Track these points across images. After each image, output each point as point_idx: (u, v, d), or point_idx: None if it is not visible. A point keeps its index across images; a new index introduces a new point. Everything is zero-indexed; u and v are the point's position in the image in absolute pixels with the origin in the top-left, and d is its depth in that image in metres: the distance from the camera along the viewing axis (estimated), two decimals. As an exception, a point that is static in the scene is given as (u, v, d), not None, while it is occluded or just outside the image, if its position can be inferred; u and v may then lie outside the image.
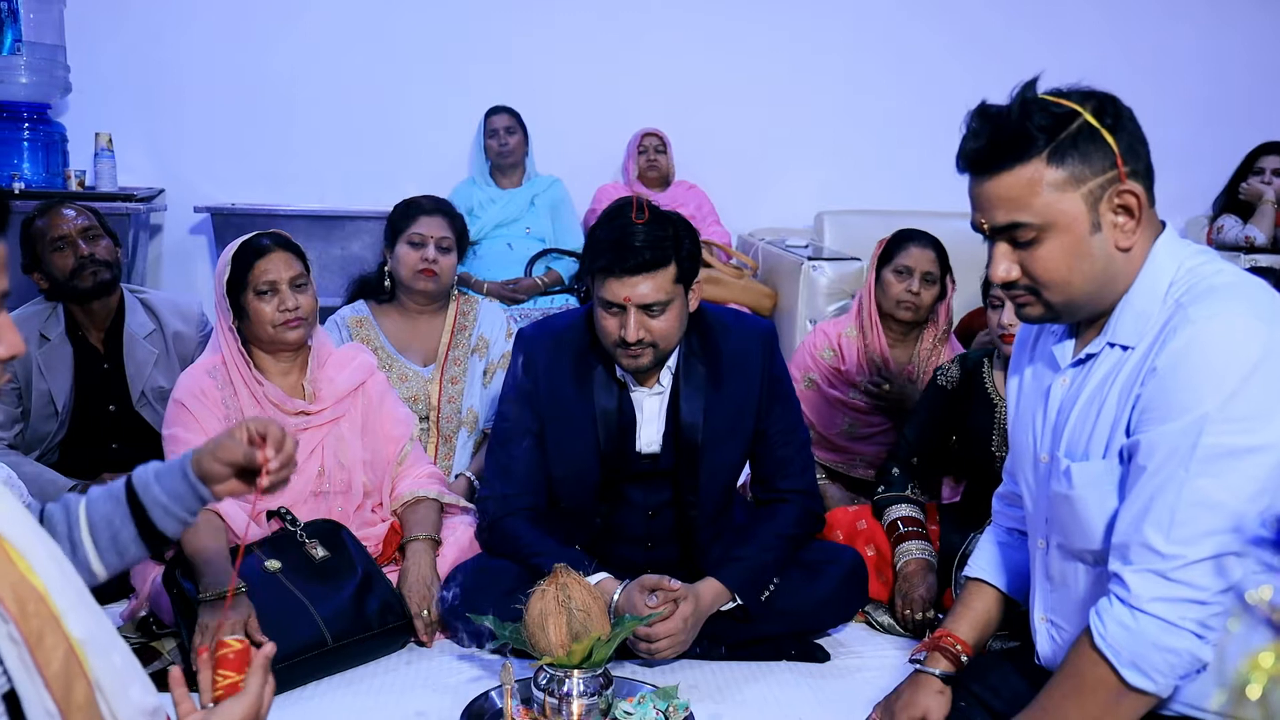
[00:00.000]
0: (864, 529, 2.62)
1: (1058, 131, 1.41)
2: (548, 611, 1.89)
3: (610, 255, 2.12)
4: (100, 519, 1.42)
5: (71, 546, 1.41)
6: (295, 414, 2.42)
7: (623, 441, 2.30)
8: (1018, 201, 1.44)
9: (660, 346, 2.19)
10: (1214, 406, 1.35)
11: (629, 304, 2.13)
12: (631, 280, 2.12)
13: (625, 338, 2.14)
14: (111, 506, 1.43)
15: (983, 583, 1.83)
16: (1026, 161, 1.42)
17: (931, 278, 2.96)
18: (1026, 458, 1.67)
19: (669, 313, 2.16)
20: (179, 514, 1.44)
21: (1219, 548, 1.36)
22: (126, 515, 1.43)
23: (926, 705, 1.74)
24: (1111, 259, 1.46)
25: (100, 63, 4.41)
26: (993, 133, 1.44)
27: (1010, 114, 1.43)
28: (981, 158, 1.45)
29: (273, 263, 2.37)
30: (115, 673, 1.09)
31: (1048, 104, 1.43)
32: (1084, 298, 1.49)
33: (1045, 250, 1.45)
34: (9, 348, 1.13)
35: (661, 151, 4.63)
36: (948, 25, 4.94)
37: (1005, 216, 1.45)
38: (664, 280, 2.13)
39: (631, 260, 2.10)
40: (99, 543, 1.42)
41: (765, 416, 2.35)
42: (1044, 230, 1.44)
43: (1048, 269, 1.46)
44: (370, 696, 2.12)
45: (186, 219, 4.57)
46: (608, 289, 2.14)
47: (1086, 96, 1.45)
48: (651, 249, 2.11)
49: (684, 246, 2.17)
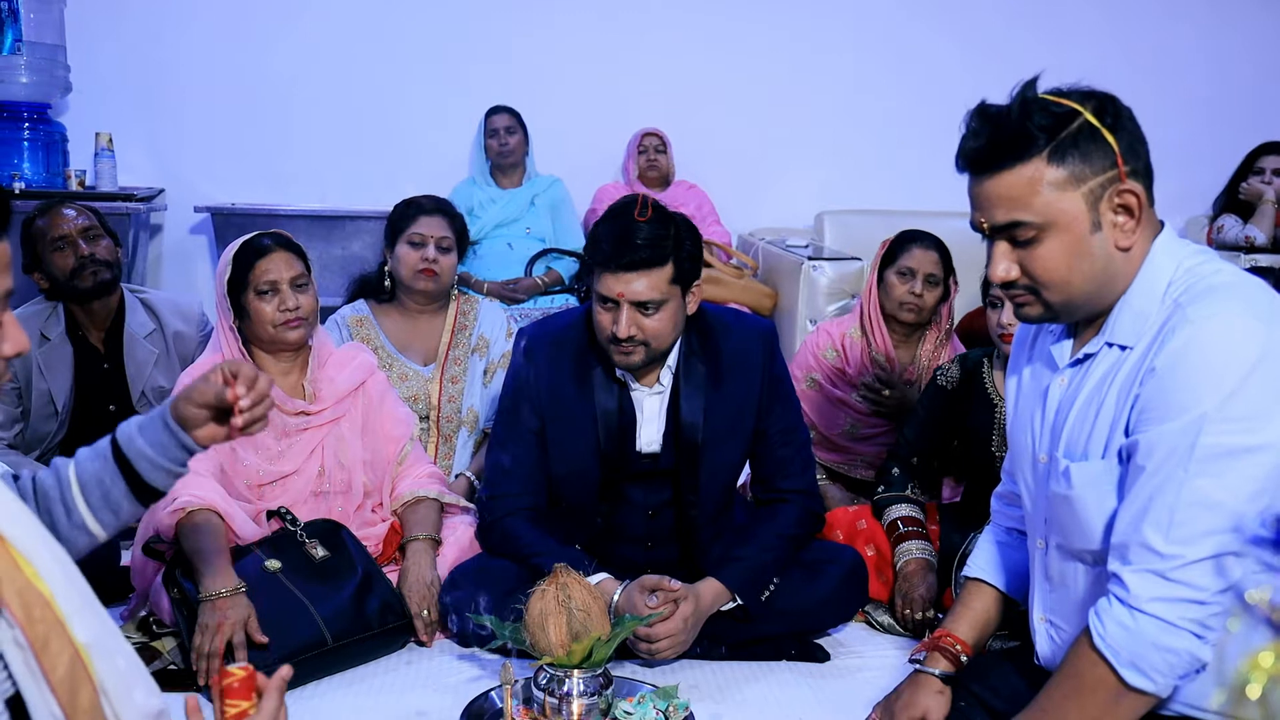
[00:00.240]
0: (864, 529, 2.62)
1: (1058, 131, 1.41)
2: (548, 611, 1.89)
3: (608, 250, 2.13)
4: (90, 478, 1.43)
5: (65, 509, 1.41)
6: (295, 414, 2.42)
7: (623, 441, 2.30)
8: (1018, 200, 1.44)
9: (652, 346, 2.19)
10: (1213, 406, 1.35)
11: (622, 300, 2.14)
12: (627, 276, 2.12)
13: (616, 333, 2.15)
14: (100, 465, 1.43)
15: (982, 583, 1.83)
16: (1027, 160, 1.42)
17: (935, 279, 2.95)
18: (1025, 458, 1.67)
19: (663, 312, 2.16)
20: (165, 465, 1.44)
21: (1218, 548, 1.36)
22: (115, 472, 1.43)
23: (926, 705, 1.74)
24: (1111, 258, 1.46)
25: (100, 62, 4.41)
26: (993, 132, 1.44)
27: (1010, 113, 1.43)
28: (981, 157, 1.45)
29: (274, 262, 2.37)
30: (120, 676, 1.09)
31: (1048, 103, 1.43)
32: (1083, 297, 1.49)
33: (1045, 249, 1.45)
34: (14, 345, 1.13)
35: (662, 151, 4.63)
36: (948, 25, 4.94)
37: (1005, 215, 1.45)
38: (659, 279, 2.14)
39: (628, 256, 2.11)
40: (91, 502, 1.42)
41: (765, 416, 2.35)
42: (1044, 229, 1.44)
43: (1047, 268, 1.46)
44: (370, 696, 2.12)
45: (187, 219, 4.57)
46: (604, 283, 2.15)
47: (1087, 96, 1.45)
48: (650, 247, 2.12)
49: (684, 248, 2.17)
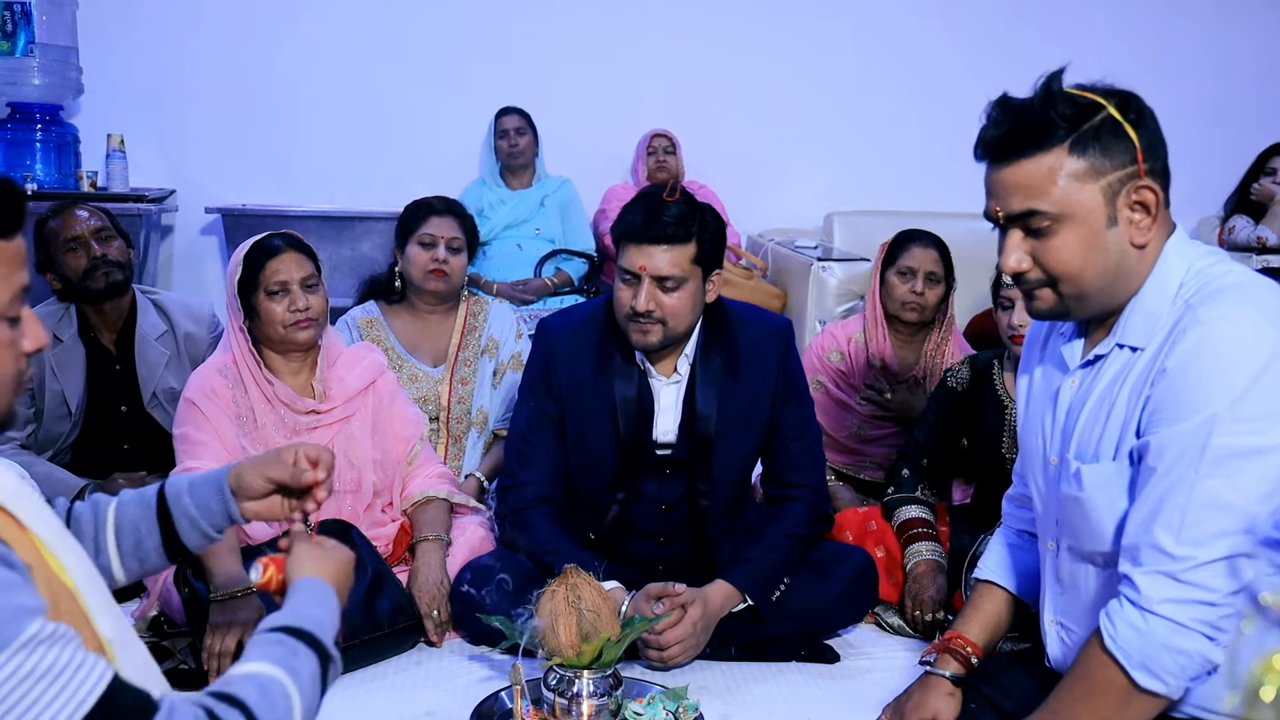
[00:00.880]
0: (874, 530, 2.62)
1: (1081, 122, 1.41)
2: (558, 612, 1.89)
3: (634, 222, 2.18)
4: (127, 524, 1.39)
5: (95, 548, 1.37)
6: (305, 413, 2.43)
7: (640, 430, 2.31)
8: (1036, 189, 1.43)
9: (669, 324, 2.21)
10: (1224, 407, 1.35)
11: (644, 273, 2.17)
12: (650, 249, 2.16)
13: (635, 307, 2.17)
14: (141, 512, 1.39)
15: (993, 585, 1.82)
16: (1048, 149, 1.42)
17: (935, 277, 2.95)
18: (1036, 460, 1.66)
19: (683, 291, 2.19)
20: (204, 528, 1.39)
21: (1230, 549, 1.36)
22: (154, 523, 1.39)
23: (936, 707, 1.74)
24: (1125, 255, 1.46)
25: (112, 65, 4.42)
26: (1015, 120, 1.43)
27: (1034, 103, 1.43)
28: (1002, 144, 1.45)
29: (284, 263, 2.38)
30: (139, 672, 1.09)
31: (1072, 95, 1.43)
32: (1095, 292, 1.48)
33: (1059, 240, 1.44)
34: (34, 340, 1.11)
35: (671, 152, 4.63)
36: (955, 26, 4.94)
37: (1022, 204, 1.45)
38: (682, 256, 2.17)
39: (654, 230, 2.15)
40: (123, 548, 1.38)
41: (780, 411, 2.36)
42: (1059, 220, 1.43)
43: (1060, 260, 1.45)
44: (380, 696, 2.13)
45: (197, 220, 4.58)
46: (627, 256, 2.19)
47: (1110, 93, 1.45)
48: (675, 224, 2.16)
49: (708, 230, 2.21)
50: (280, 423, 2.41)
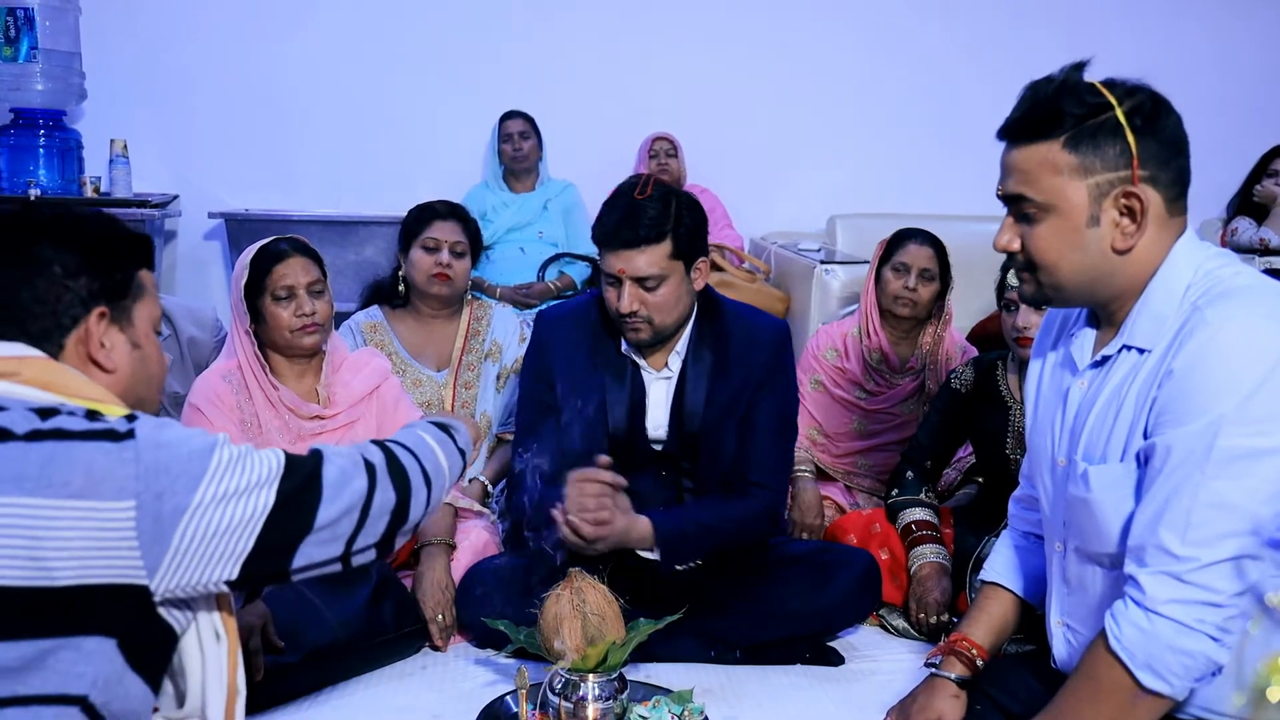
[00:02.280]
0: (878, 533, 2.62)
1: (1083, 119, 1.43)
2: (562, 615, 1.90)
3: (608, 228, 2.20)
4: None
5: None
6: (310, 418, 2.43)
7: (633, 424, 2.33)
8: (1028, 176, 1.47)
9: (656, 321, 2.23)
10: (1230, 408, 1.35)
11: (624, 276, 2.19)
12: (626, 254, 2.18)
13: (620, 309, 2.21)
14: None
15: (998, 586, 1.82)
16: (1045, 140, 1.45)
17: (929, 274, 2.98)
18: (1044, 461, 1.66)
19: (665, 288, 2.21)
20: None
21: (1235, 550, 1.36)
22: None
23: (941, 709, 1.74)
24: (1105, 257, 1.47)
25: (115, 70, 4.43)
26: (1030, 106, 1.47)
27: (1049, 92, 1.46)
28: (1013, 126, 1.49)
29: (291, 268, 2.38)
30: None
31: (1086, 91, 1.45)
32: (1073, 288, 1.51)
33: (1042, 230, 1.48)
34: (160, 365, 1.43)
35: (672, 155, 4.63)
36: (959, 29, 4.93)
37: (1015, 187, 1.49)
38: (658, 255, 2.18)
39: (626, 233, 2.17)
40: None
41: (754, 405, 2.32)
42: (1043, 210, 1.47)
43: (1039, 249, 1.49)
44: (385, 700, 2.13)
45: (201, 225, 4.59)
46: (606, 261, 2.23)
47: (1131, 93, 1.45)
48: (647, 225, 2.17)
49: (683, 223, 2.21)
50: (285, 427, 2.41)
